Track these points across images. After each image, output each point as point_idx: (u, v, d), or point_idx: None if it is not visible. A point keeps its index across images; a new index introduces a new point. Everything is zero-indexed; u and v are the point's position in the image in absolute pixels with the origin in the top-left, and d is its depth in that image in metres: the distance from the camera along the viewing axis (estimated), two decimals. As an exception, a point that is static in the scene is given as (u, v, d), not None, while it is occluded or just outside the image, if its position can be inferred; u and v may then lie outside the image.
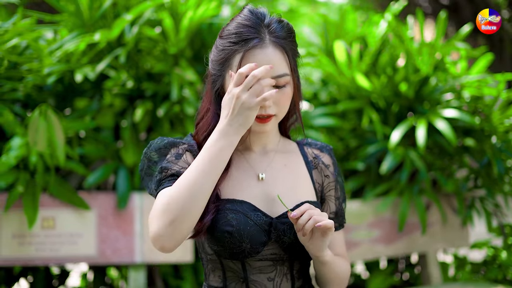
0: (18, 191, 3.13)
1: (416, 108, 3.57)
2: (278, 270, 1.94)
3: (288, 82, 1.89)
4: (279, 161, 2.04)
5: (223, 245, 1.87)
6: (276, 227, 1.90)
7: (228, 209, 1.89)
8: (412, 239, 3.61)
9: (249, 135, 2.00)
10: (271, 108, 1.88)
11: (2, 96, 3.37)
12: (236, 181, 1.97)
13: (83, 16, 3.49)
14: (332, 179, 2.10)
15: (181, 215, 1.70)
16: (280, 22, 1.92)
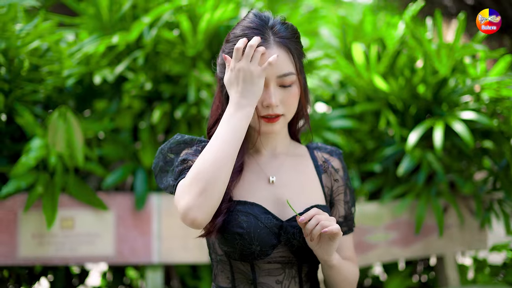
0: (37, 192, 3.17)
1: (434, 110, 3.55)
2: (286, 273, 1.96)
3: (294, 81, 1.91)
4: (289, 165, 2.05)
5: (233, 246, 1.90)
6: (286, 230, 1.91)
7: (239, 211, 1.91)
8: (430, 242, 3.59)
9: (259, 137, 2.02)
10: (278, 108, 1.90)
11: (23, 97, 3.42)
12: (248, 183, 1.99)
13: (102, 18, 3.53)
14: (341, 183, 2.11)
15: (209, 183, 1.73)
16: (284, 24, 1.95)
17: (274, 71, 1.87)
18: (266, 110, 1.89)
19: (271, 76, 1.87)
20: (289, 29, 1.95)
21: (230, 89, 1.85)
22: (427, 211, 3.56)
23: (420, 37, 3.49)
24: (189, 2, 3.42)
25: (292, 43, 1.93)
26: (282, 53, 1.89)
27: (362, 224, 3.47)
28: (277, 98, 1.88)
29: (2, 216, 3.22)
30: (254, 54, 1.82)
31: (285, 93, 1.90)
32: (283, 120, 1.95)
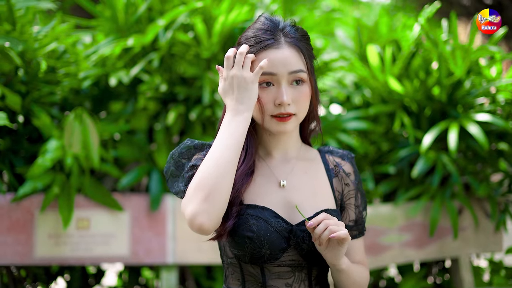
0: (54, 192, 3.21)
1: (449, 112, 3.55)
2: (296, 276, 1.97)
3: (305, 80, 1.93)
4: (300, 169, 2.06)
5: (243, 250, 1.91)
6: (295, 234, 1.92)
7: (249, 215, 1.92)
8: (444, 243, 3.59)
9: (270, 140, 2.04)
10: (290, 107, 1.91)
11: (40, 99, 3.47)
12: (258, 187, 2.00)
13: (118, 21, 3.56)
14: (352, 187, 2.11)
15: (213, 189, 1.77)
16: (293, 26, 1.99)
17: (285, 68, 1.89)
18: (278, 109, 1.90)
19: (283, 74, 1.89)
20: (299, 31, 1.98)
21: (225, 98, 1.89)
22: (441, 213, 3.56)
23: (435, 38, 3.48)
24: (204, 4, 3.44)
25: (303, 44, 1.96)
26: (292, 52, 1.92)
27: (376, 226, 3.47)
28: (289, 97, 1.89)
29: (19, 216, 3.26)
30: (245, 61, 1.87)
31: (297, 92, 1.91)
32: (295, 120, 1.95)
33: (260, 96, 1.91)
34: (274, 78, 1.91)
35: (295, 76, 1.91)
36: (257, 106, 1.93)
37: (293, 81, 1.91)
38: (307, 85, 1.94)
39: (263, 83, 1.91)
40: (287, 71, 1.89)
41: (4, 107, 3.28)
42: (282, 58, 1.90)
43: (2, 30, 3.19)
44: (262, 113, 1.93)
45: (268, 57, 1.90)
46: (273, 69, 1.89)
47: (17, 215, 3.26)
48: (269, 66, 1.89)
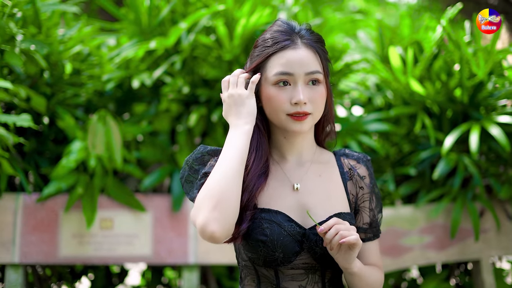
0: (78, 193, 3.27)
1: (471, 114, 3.54)
2: (309, 278, 1.99)
3: (321, 81, 1.96)
4: (314, 172, 2.07)
5: (257, 253, 1.94)
6: (308, 237, 1.94)
7: (263, 219, 1.94)
8: (465, 246, 3.58)
9: (284, 143, 2.05)
10: (306, 106, 1.93)
11: (65, 101, 3.53)
12: (272, 190, 2.02)
13: (141, 23, 3.61)
14: (366, 191, 2.12)
15: (222, 197, 1.80)
16: (309, 30, 2.02)
17: (302, 69, 1.92)
18: (294, 108, 1.92)
19: (300, 75, 1.92)
20: (314, 35, 2.01)
21: (227, 117, 1.98)
22: (463, 215, 3.54)
23: (458, 40, 3.47)
24: (226, 7, 3.47)
25: (319, 47, 1.99)
26: (309, 53, 1.95)
27: (396, 227, 3.48)
28: (305, 96, 1.92)
29: (44, 216, 3.33)
30: (238, 80, 1.99)
31: (313, 92, 1.94)
32: (311, 120, 1.97)
33: (276, 95, 1.94)
34: (290, 78, 1.93)
35: (311, 77, 1.94)
36: (273, 106, 1.95)
37: (309, 81, 1.94)
38: (323, 86, 1.97)
39: (280, 82, 1.94)
40: (304, 72, 1.92)
41: (29, 109, 3.35)
42: (299, 58, 1.93)
43: (28, 34, 3.25)
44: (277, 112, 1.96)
45: (285, 57, 1.93)
46: (290, 69, 1.92)
47: (42, 215, 3.33)
48: (286, 66, 1.92)
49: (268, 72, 1.96)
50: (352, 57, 3.97)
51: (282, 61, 1.94)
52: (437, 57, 3.63)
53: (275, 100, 1.94)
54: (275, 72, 1.94)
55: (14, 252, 3.27)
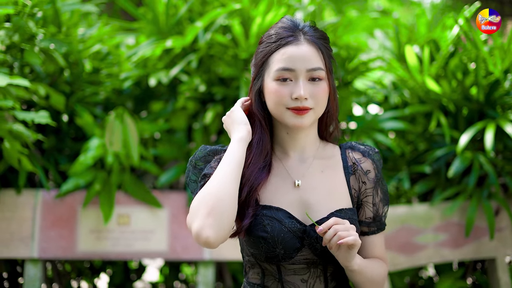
0: (95, 189, 3.33)
1: (487, 112, 3.53)
2: (311, 272, 2.01)
3: (323, 77, 1.97)
4: (316, 168, 2.08)
5: (258, 249, 1.96)
6: (309, 234, 1.96)
7: (264, 215, 1.97)
8: (481, 244, 3.57)
9: (287, 139, 2.07)
10: (307, 101, 1.94)
11: (84, 99, 3.60)
12: (274, 187, 2.04)
13: (159, 23, 3.66)
14: (369, 186, 2.12)
15: (216, 204, 1.82)
16: (313, 27, 2.03)
17: (304, 65, 1.94)
18: (295, 102, 1.94)
19: (301, 71, 1.94)
20: (318, 32, 2.02)
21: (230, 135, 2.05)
22: (478, 213, 3.54)
23: (474, 38, 3.47)
24: (242, 6, 3.51)
25: (321, 43, 2.00)
26: (311, 49, 1.97)
27: (411, 225, 3.49)
28: (306, 91, 1.93)
29: (62, 212, 3.39)
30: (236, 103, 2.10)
31: (314, 87, 1.95)
32: (312, 115, 1.98)
33: (277, 90, 1.95)
34: (292, 74, 1.95)
35: (313, 74, 1.95)
36: (274, 100, 1.97)
37: (311, 78, 1.96)
38: (325, 82, 1.98)
39: (281, 78, 1.96)
40: (306, 68, 1.94)
41: (49, 107, 3.42)
42: (301, 54, 1.94)
43: (48, 33, 3.32)
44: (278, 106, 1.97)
45: (287, 53, 1.95)
46: (291, 65, 1.94)
47: (61, 211, 3.40)
48: (287, 62, 1.94)
49: (271, 68, 1.97)
50: (369, 56, 3.99)
51: (284, 57, 1.95)
52: (454, 55, 3.63)
53: (276, 94, 1.96)
54: (277, 68, 1.95)
55: (33, 247, 3.34)
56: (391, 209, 3.48)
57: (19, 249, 3.34)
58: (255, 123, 2.05)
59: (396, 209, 3.50)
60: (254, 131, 2.04)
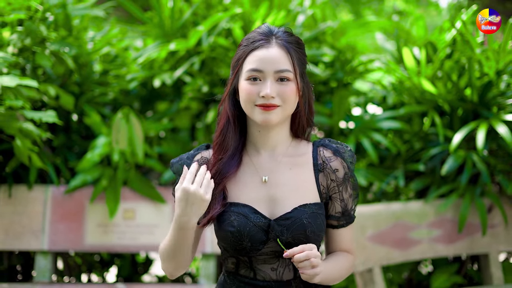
0: (102, 185, 3.50)
1: (481, 113, 3.64)
2: (281, 261, 2.16)
3: (290, 78, 2.09)
4: (285, 165, 2.21)
5: (227, 243, 2.12)
6: (273, 228, 2.10)
7: (232, 212, 2.12)
8: (474, 240, 3.68)
9: (259, 137, 2.20)
10: (274, 100, 2.07)
11: (94, 99, 3.77)
12: (243, 184, 2.18)
13: (165, 26, 3.82)
14: (338, 183, 2.22)
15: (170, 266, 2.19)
16: (286, 32, 2.17)
17: (272, 66, 2.07)
18: (262, 100, 2.07)
19: (269, 72, 2.07)
20: (291, 37, 2.16)
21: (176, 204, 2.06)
22: (472, 210, 3.65)
23: (469, 40, 3.57)
24: (243, 10, 3.65)
25: (292, 48, 2.13)
26: (281, 52, 2.10)
27: (406, 221, 3.60)
28: (273, 90, 2.06)
29: (71, 206, 3.56)
30: (203, 181, 2.05)
31: (281, 87, 2.08)
32: (280, 112, 2.10)
33: (247, 88, 2.09)
34: (261, 74, 2.08)
35: (280, 75, 2.08)
36: (244, 97, 2.11)
37: (279, 78, 2.09)
38: (293, 83, 2.10)
39: (251, 78, 2.09)
40: (273, 70, 2.07)
41: (58, 107, 3.59)
42: (269, 57, 2.08)
43: (58, 36, 3.49)
44: (247, 103, 2.10)
45: (258, 55, 2.09)
46: (260, 66, 2.08)
47: (70, 206, 3.57)
48: (257, 64, 2.08)
49: (244, 69, 2.11)
50: (368, 57, 4.12)
51: (255, 58, 2.09)
52: (451, 57, 3.74)
53: (246, 92, 2.09)
54: (248, 69, 2.09)
55: (43, 240, 3.51)
56: (386, 206, 3.61)
57: (30, 242, 3.51)
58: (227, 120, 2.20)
59: (391, 206, 3.62)
60: (223, 127, 2.20)
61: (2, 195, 3.52)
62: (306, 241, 2.10)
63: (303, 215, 2.11)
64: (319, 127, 3.99)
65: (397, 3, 14.59)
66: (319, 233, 2.14)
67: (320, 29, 3.85)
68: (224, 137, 2.19)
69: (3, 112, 3.04)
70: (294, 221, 2.09)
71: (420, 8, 14.59)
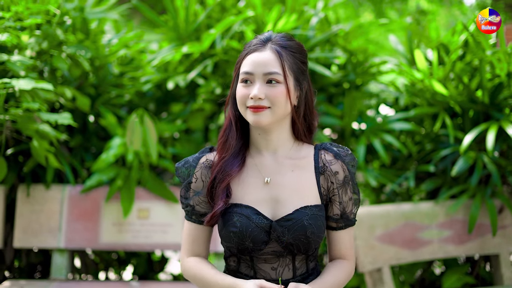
0: (117, 185, 3.58)
1: (492, 114, 3.66)
2: (281, 261, 2.22)
3: (280, 81, 2.15)
4: (287, 167, 2.26)
5: (231, 242, 2.20)
6: (275, 229, 2.16)
7: (235, 212, 2.19)
8: (485, 240, 3.69)
9: (260, 139, 2.26)
10: (263, 101, 2.13)
11: (110, 101, 3.86)
12: (246, 184, 2.25)
13: (179, 29, 3.90)
14: (337, 185, 2.27)
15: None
16: (284, 37, 2.23)
17: (261, 69, 2.14)
18: (251, 102, 2.14)
19: (259, 74, 2.14)
20: (289, 42, 2.22)
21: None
22: (482, 211, 3.67)
23: (481, 42, 3.59)
24: (255, 13, 3.71)
25: (285, 52, 2.19)
26: (271, 55, 2.16)
27: (416, 221, 3.63)
28: (261, 91, 2.13)
29: (88, 206, 3.66)
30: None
31: (270, 89, 2.14)
32: (269, 113, 2.16)
33: (240, 90, 2.17)
34: (251, 77, 2.15)
35: (269, 77, 2.14)
36: (238, 99, 2.18)
37: (268, 80, 2.15)
38: (283, 86, 2.15)
39: (244, 80, 2.17)
40: (262, 72, 2.14)
41: (75, 109, 3.69)
42: (260, 59, 2.15)
43: (75, 39, 3.59)
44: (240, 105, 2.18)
45: (251, 59, 2.17)
46: (251, 69, 2.15)
47: (86, 205, 3.66)
48: (249, 67, 2.15)
49: (240, 71, 2.20)
50: (381, 59, 4.16)
51: (248, 62, 2.17)
52: (463, 59, 3.76)
53: (239, 95, 2.17)
54: (242, 71, 2.18)
55: (60, 238, 3.61)
56: (396, 206, 3.65)
57: (47, 240, 3.61)
58: (229, 122, 2.28)
59: (401, 206, 3.66)
60: (226, 128, 2.28)
61: (20, 194, 3.62)
62: (307, 242, 2.17)
63: (304, 217, 2.17)
64: (332, 128, 4.05)
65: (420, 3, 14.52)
66: (319, 234, 2.20)
67: (332, 31, 3.89)
68: (227, 137, 2.27)
69: (21, 114, 3.14)
70: (295, 223, 2.15)
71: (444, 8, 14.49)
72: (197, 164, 2.30)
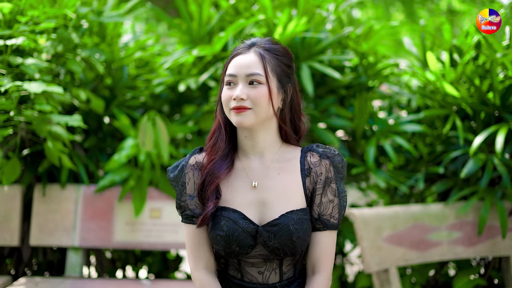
0: (130, 185, 3.66)
1: (503, 116, 3.65)
2: (267, 265, 2.26)
3: (261, 82, 2.19)
4: (274, 170, 2.29)
5: (218, 245, 2.24)
6: (261, 234, 2.20)
7: (222, 216, 2.23)
8: (495, 242, 3.68)
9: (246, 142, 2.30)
10: (245, 102, 2.17)
11: (125, 103, 3.94)
12: (234, 188, 2.28)
13: (192, 32, 3.97)
14: (319, 186, 2.29)
15: None
16: (269, 41, 2.28)
17: (243, 71, 2.19)
18: (234, 103, 2.18)
19: (241, 76, 2.19)
20: (273, 45, 2.27)
21: None
22: (493, 213, 3.66)
23: (493, 44, 3.59)
24: (265, 16, 3.76)
25: (269, 55, 2.23)
26: (254, 58, 2.21)
27: (425, 223, 3.63)
28: (243, 92, 2.17)
29: (101, 205, 3.74)
30: None
31: (252, 90, 2.18)
32: (251, 114, 2.19)
33: (225, 93, 2.22)
34: (234, 79, 2.20)
35: (251, 78, 2.18)
36: (223, 102, 2.23)
37: (250, 82, 2.19)
38: (264, 87, 2.19)
39: (228, 82, 2.22)
40: (244, 73, 2.18)
41: (89, 110, 3.78)
42: (243, 62, 2.20)
43: (91, 43, 3.68)
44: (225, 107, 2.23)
45: (235, 61, 2.22)
46: (234, 71, 2.20)
47: (100, 204, 3.74)
48: (232, 69, 2.21)
49: (225, 75, 2.25)
50: (394, 61, 4.17)
51: (232, 65, 2.22)
52: (476, 61, 3.76)
53: (224, 97, 2.22)
54: (226, 74, 2.23)
55: (74, 237, 3.70)
56: (405, 208, 3.66)
57: (62, 238, 3.71)
58: (218, 125, 2.33)
59: (409, 208, 3.67)
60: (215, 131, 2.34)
61: (37, 194, 3.72)
62: (293, 246, 2.19)
63: (290, 222, 2.19)
64: (344, 130, 4.08)
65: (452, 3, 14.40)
66: (305, 237, 2.23)
67: (344, 33, 3.92)
68: (216, 140, 2.32)
69: (35, 116, 3.24)
70: (281, 228, 2.18)
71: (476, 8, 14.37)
72: (187, 164, 2.36)
